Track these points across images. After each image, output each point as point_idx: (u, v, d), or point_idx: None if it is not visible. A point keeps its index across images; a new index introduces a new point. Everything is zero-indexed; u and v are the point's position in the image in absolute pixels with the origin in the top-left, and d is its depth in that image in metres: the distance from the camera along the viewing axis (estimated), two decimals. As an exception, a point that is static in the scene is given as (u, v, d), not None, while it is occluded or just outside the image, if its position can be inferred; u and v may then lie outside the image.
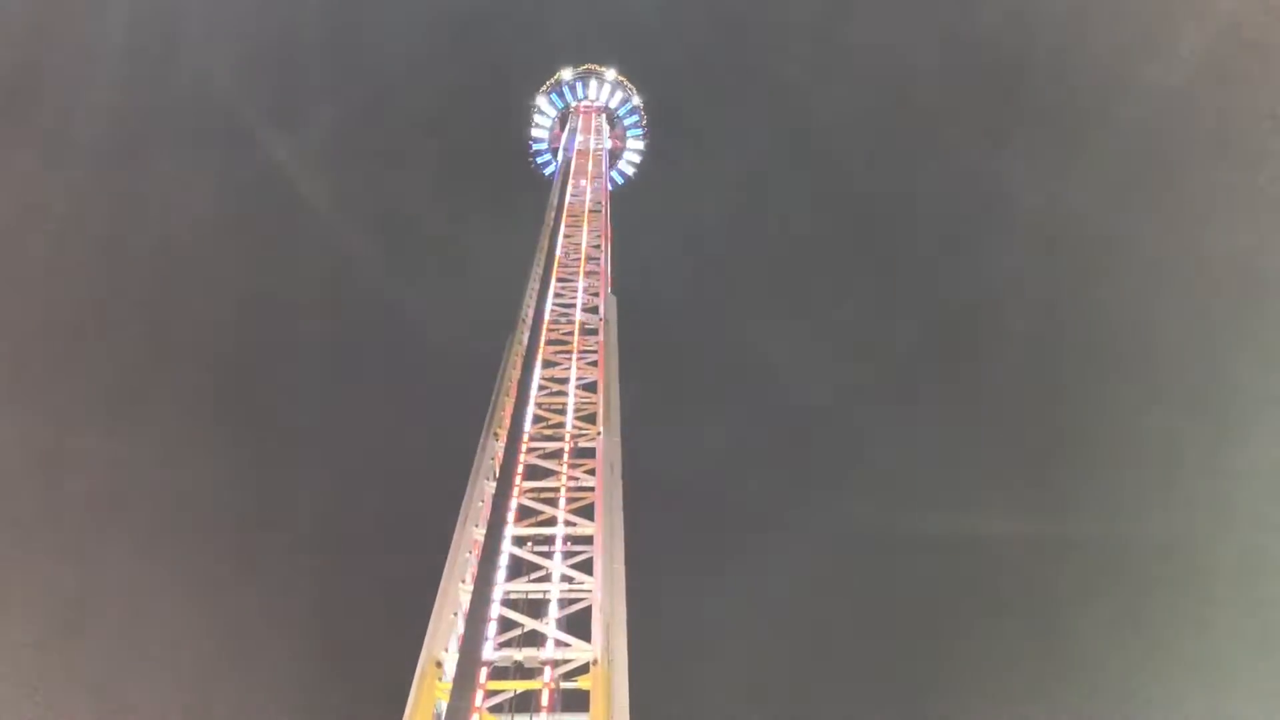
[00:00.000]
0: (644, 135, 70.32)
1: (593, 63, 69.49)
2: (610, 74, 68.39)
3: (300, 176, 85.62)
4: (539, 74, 71.09)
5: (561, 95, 69.86)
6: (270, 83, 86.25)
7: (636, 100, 68.27)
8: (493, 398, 32.21)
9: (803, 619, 69.78)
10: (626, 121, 69.72)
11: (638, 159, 70.31)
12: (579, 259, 43.40)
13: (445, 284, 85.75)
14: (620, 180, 68.74)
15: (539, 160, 70.13)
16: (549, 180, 61.53)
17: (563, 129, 67.68)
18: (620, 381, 33.89)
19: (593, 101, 68.62)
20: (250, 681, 56.89)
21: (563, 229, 46.71)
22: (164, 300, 75.87)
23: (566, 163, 58.17)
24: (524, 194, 69.33)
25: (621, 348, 36.37)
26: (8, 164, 67.29)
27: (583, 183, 53.82)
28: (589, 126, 65.29)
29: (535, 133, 70.32)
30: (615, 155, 68.25)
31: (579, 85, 69.44)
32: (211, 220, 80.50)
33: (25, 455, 61.17)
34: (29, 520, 59.41)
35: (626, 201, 66.82)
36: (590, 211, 49.20)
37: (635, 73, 70.95)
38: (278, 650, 59.67)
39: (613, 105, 69.67)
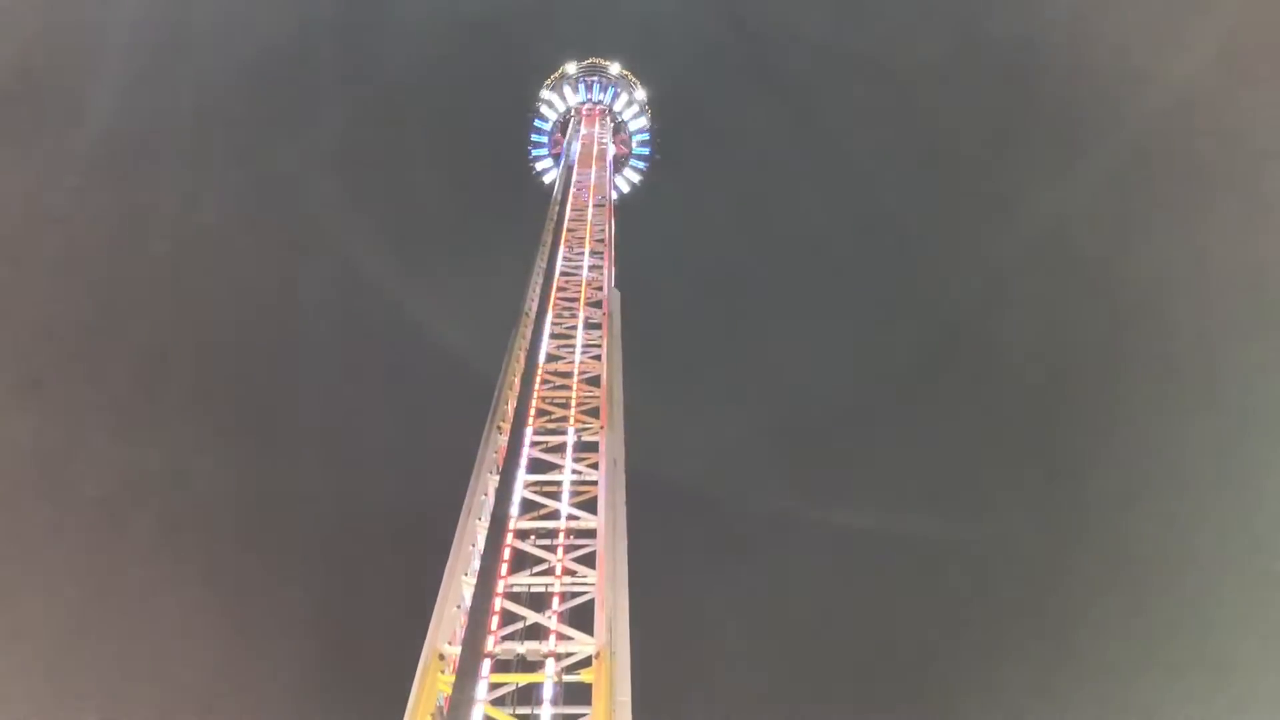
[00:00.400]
0: (650, 136, 67.51)
1: (599, 61, 67.45)
2: (615, 68, 67.08)
3: (307, 178, 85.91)
4: (547, 74, 69.55)
5: (564, 98, 67.01)
6: (278, 85, 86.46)
7: (641, 94, 66.57)
8: (496, 391, 32.21)
9: (804, 618, 69.71)
10: (632, 126, 66.95)
11: (644, 165, 67.63)
12: (582, 253, 43.31)
13: (450, 283, 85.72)
14: (625, 189, 66.06)
15: (538, 167, 67.42)
16: (549, 188, 58.59)
17: (564, 135, 64.88)
18: (624, 376, 33.89)
19: (596, 103, 66.14)
20: (257, 679, 56.96)
21: (566, 224, 46.50)
22: (172, 302, 76.04)
23: (569, 165, 55.97)
24: (530, 192, 69.03)
25: (625, 346, 36.30)
26: (15, 167, 67.36)
27: (587, 175, 53.43)
28: (593, 124, 63.35)
29: (535, 138, 67.51)
30: (620, 162, 65.55)
31: (582, 85, 66.78)
32: (219, 222, 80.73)
33: (35, 457, 61.40)
34: (39, 521, 59.59)
35: (631, 199, 66.64)
36: (595, 206, 49.04)
37: (642, 72, 69.20)
38: (285, 648, 59.94)
39: (617, 108, 66.92)
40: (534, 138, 67.86)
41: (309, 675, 58.53)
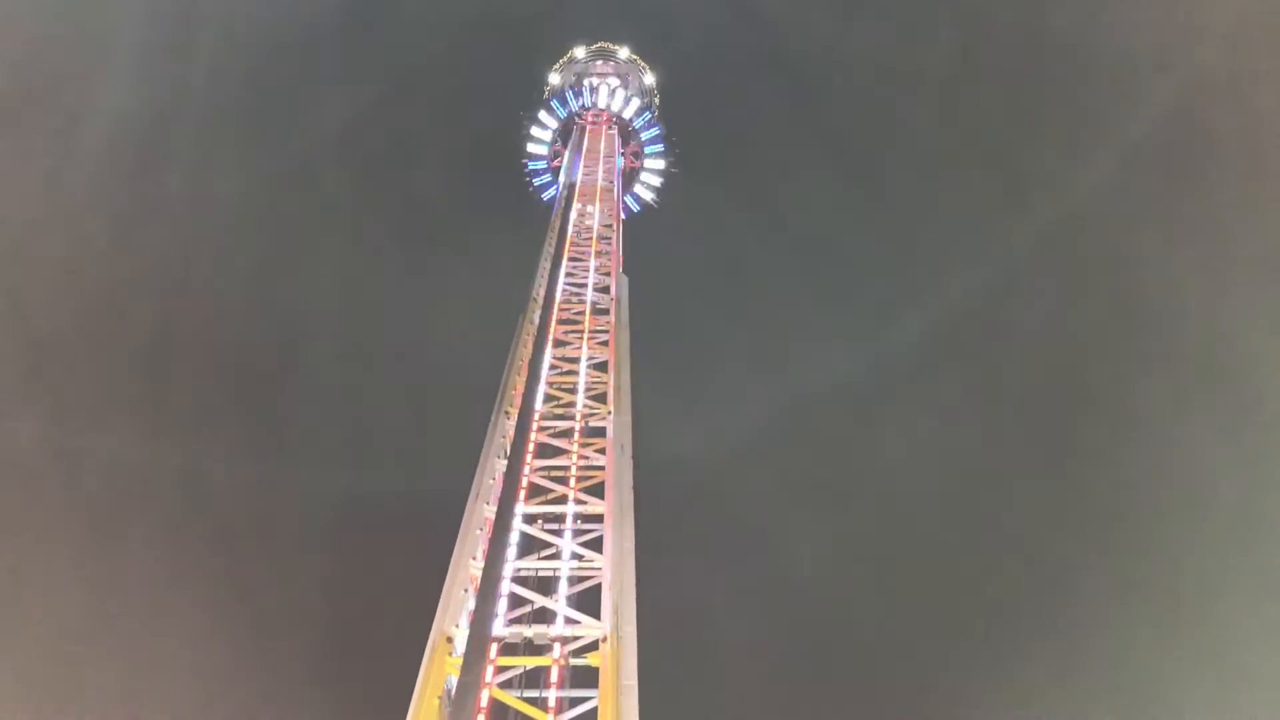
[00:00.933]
0: (660, 128, 61.69)
1: (607, 46, 65.09)
2: (624, 52, 64.79)
3: (313, 171, 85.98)
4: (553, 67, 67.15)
5: (564, 102, 61.23)
6: (283, 79, 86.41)
7: (650, 79, 64.31)
8: (504, 376, 32.20)
9: (808, 611, 69.62)
10: (645, 136, 60.69)
11: (658, 176, 61.59)
12: (590, 239, 43.18)
13: (455, 274, 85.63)
14: (636, 208, 60.26)
15: (535, 182, 61.64)
16: (548, 206, 52.74)
17: (565, 147, 58.35)
18: (631, 362, 33.82)
19: (602, 109, 60.30)
20: (266, 669, 57.09)
21: (570, 225, 45.00)
22: (179, 298, 76.16)
23: (570, 186, 49.19)
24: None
25: (631, 338, 36.02)
26: (21, 163, 67.28)
27: (593, 164, 52.76)
28: (598, 133, 57.48)
29: (533, 147, 61.63)
30: (629, 178, 59.81)
31: (587, 89, 61.05)
32: (226, 217, 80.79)
33: (43, 453, 61.59)
34: (47, 517, 59.82)
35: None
36: (602, 188, 48.75)
37: (649, 64, 66.96)
38: (294, 637, 60.39)
39: (627, 115, 60.57)
40: (530, 149, 61.86)
41: (318, 663, 58.94)
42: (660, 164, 62.18)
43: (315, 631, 62.24)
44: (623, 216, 39.15)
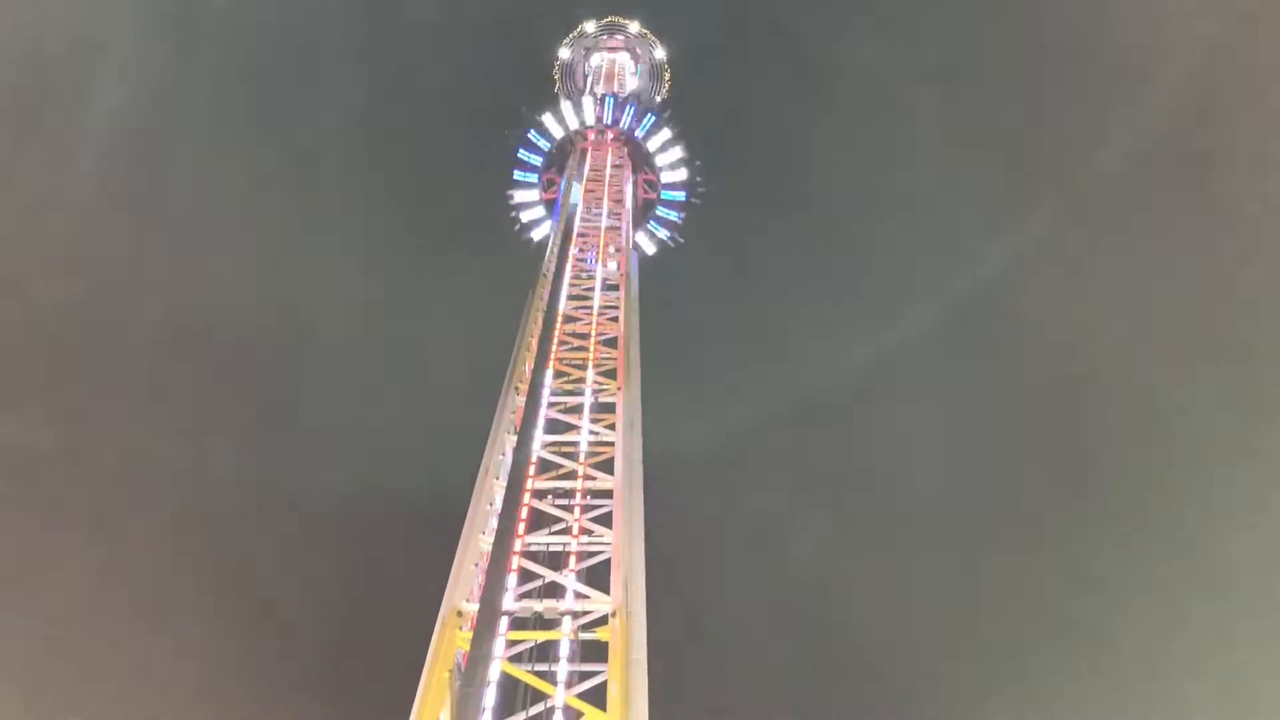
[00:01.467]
0: (683, 151, 52.18)
1: (617, 20, 61.93)
2: (634, 26, 61.84)
3: (317, 168, 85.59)
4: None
5: (562, 122, 51.74)
6: (286, 74, 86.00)
7: (660, 53, 61.76)
8: (514, 352, 32.15)
9: (810, 604, 69.55)
10: (660, 160, 51.55)
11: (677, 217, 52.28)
12: (600, 213, 42.93)
13: (459, 274, 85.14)
14: (651, 249, 52.12)
15: (524, 218, 52.57)
16: (540, 247, 45.59)
17: (559, 175, 50.48)
18: (640, 339, 33.74)
19: (609, 125, 51.30)
20: (272, 659, 57.38)
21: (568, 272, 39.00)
22: (183, 295, 76.02)
23: (569, 218, 42.17)
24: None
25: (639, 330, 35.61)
26: (25, 160, 67.21)
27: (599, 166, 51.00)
28: (602, 155, 49.29)
29: (523, 156, 52.26)
30: (643, 212, 51.40)
31: (590, 101, 52.98)
32: (229, 214, 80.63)
33: (48, 449, 61.89)
34: (52, 512, 60.24)
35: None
36: (613, 167, 48.39)
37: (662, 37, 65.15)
38: (299, 629, 60.81)
39: (639, 133, 51.59)
40: (521, 165, 52.39)
41: (324, 656, 59.31)
42: (681, 196, 53.02)
43: (320, 625, 62.53)
44: (634, 255, 38.18)
